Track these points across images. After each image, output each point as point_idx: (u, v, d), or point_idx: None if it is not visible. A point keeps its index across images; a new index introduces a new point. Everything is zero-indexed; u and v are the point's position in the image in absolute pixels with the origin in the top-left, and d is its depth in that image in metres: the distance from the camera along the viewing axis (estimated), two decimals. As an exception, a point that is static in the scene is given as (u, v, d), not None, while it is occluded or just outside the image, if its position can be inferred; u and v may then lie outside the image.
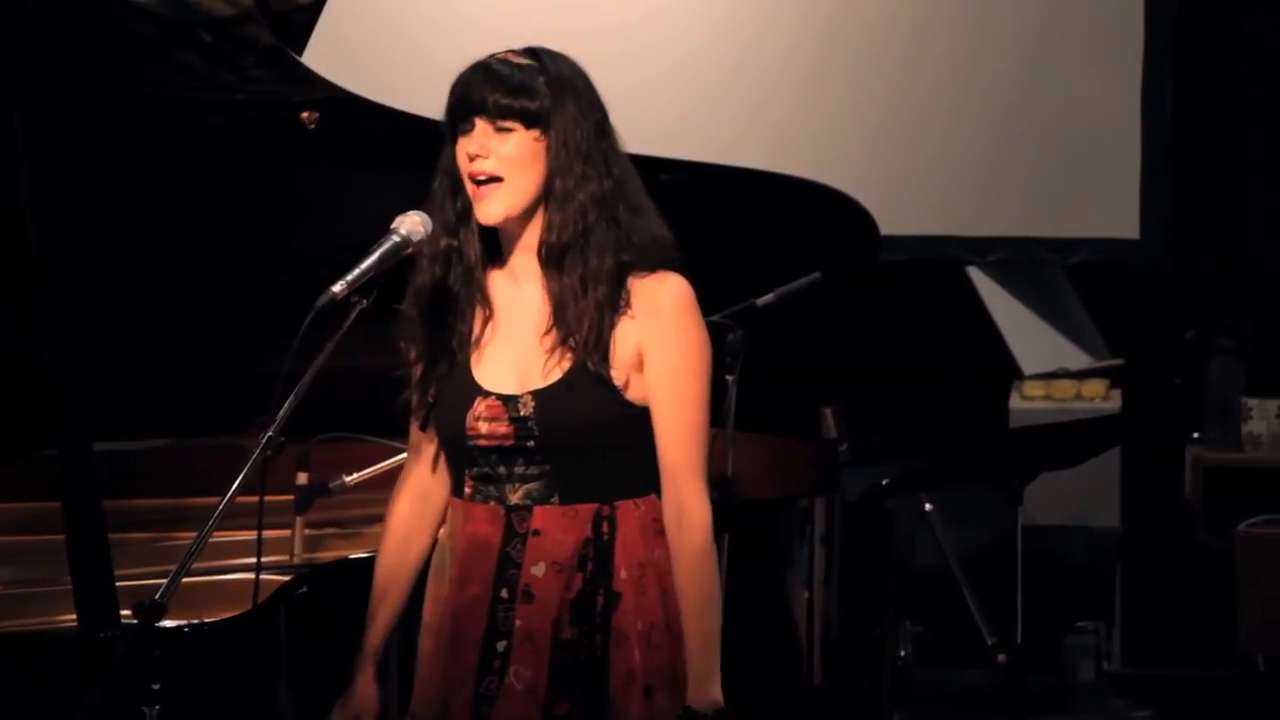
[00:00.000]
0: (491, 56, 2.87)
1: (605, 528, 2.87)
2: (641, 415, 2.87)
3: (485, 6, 5.51)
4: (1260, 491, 5.39)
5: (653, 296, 2.83)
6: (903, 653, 4.97)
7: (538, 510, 2.87)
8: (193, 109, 3.76)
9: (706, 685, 2.83)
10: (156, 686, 3.08)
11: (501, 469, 2.88)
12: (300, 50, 3.82)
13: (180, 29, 3.70)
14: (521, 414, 2.85)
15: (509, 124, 2.82)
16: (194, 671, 3.15)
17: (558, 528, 2.87)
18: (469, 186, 2.84)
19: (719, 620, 2.86)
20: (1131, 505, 5.70)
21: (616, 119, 2.91)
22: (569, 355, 2.83)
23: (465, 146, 2.83)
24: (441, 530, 3.01)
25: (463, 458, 2.91)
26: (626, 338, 2.83)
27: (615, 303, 2.82)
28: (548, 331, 2.85)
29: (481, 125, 2.82)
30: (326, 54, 3.93)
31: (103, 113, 3.66)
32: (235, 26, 3.71)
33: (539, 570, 2.87)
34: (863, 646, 4.61)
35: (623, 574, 2.86)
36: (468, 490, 2.91)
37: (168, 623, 2.98)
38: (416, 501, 3.00)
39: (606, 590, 2.86)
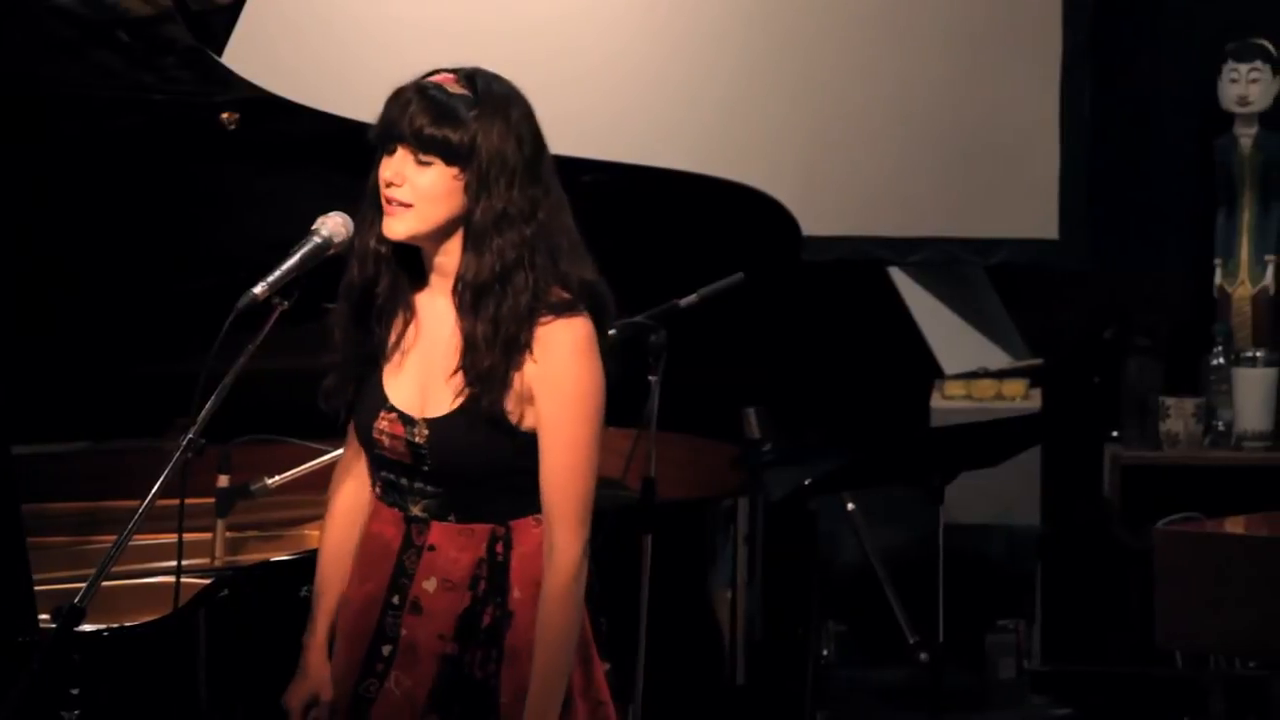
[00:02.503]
0: (428, 79, 2.83)
1: (500, 548, 2.87)
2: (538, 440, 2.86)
3: (410, 6, 5.49)
4: (1178, 490, 5.44)
5: (551, 339, 2.80)
6: (826, 652, 5.00)
7: (435, 526, 2.88)
8: (110, 109, 3.73)
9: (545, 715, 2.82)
10: (75, 691, 3.06)
11: (403, 481, 2.90)
12: (220, 50, 3.80)
13: (98, 29, 3.68)
14: (416, 440, 2.85)
15: (429, 158, 2.80)
16: (114, 676, 3.13)
17: (453, 546, 2.87)
18: (383, 202, 2.83)
19: (566, 667, 2.83)
20: (1051, 504, 5.74)
21: (542, 119, 2.89)
22: (468, 390, 2.82)
23: (384, 169, 2.82)
24: None
25: (374, 459, 2.92)
26: (524, 378, 2.81)
27: (521, 345, 2.80)
28: (455, 365, 2.83)
29: (402, 153, 2.80)
30: (248, 54, 3.91)
31: (18, 113, 3.62)
32: (154, 27, 3.68)
33: (430, 585, 2.87)
34: (786, 646, 4.62)
35: (516, 593, 2.86)
36: (378, 490, 2.93)
37: (87, 627, 2.96)
38: (355, 485, 3.00)
39: (499, 609, 2.86)
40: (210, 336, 2.76)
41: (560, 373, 2.81)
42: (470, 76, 2.83)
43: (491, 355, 2.79)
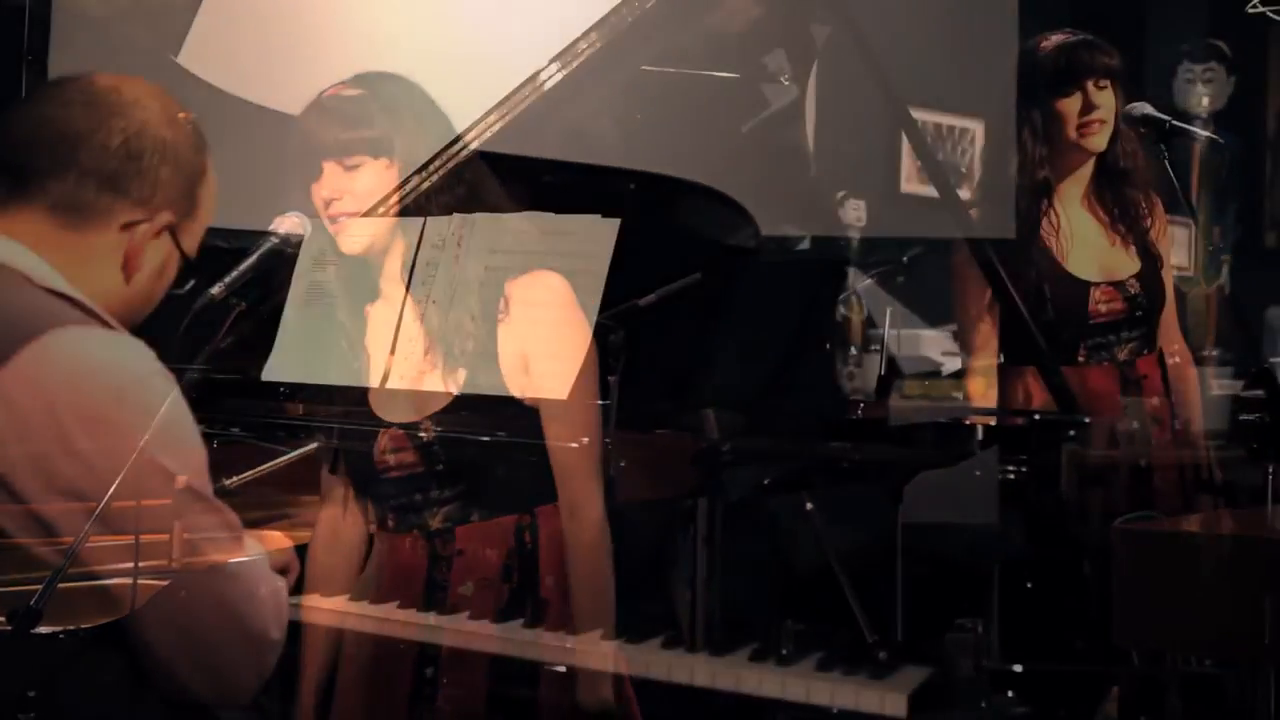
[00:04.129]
0: (322, 95, 2.84)
1: (527, 537, 2.87)
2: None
3: (372, 6, 5.47)
4: (1135, 488, 5.47)
5: (529, 297, 2.81)
6: (784, 651, 4.99)
7: (459, 531, 2.87)
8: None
9: (596, 682, 2.82)
10: (32, 694, 3.04)
11: (418, 496, 2.88)
12: (176, 51, 3.78)
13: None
14: (425, 440, 2.83)
15: (355, 160, 2.80)
16: (71, 678, 3.11)
17: (481, 544, 2.86)
18: (326, 225, 2.83)
19: (611, 617, 2.84)
20: (1009, 503, 5.75)
21: (504, 123, 2.89)
22: (456, 373, 2.81)
23: (319, 191, 2.82)
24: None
25: (380, 491, 2.90)
26: (509, 343, 2.81)
27: (492, 311, 2.80)
28: (428, 352, 2.83)
29: (330, 168, 2.81)
30: (206, 54, 3.89)
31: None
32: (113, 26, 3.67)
33: (467, 589, 2.87)
34: (746, 645, 4.61)
35: (549, 580, 2.86)
36: (391, 522, 2.90)
37: (43, 629, 2.95)
38: (334, 544, 2.98)
39: (534, 599, 2.86)
40: (171, 337, 2.76)
41: (542, 326, 2.79)
42: (359, 79, 2.85)
43: (460, 323, 2.78)
